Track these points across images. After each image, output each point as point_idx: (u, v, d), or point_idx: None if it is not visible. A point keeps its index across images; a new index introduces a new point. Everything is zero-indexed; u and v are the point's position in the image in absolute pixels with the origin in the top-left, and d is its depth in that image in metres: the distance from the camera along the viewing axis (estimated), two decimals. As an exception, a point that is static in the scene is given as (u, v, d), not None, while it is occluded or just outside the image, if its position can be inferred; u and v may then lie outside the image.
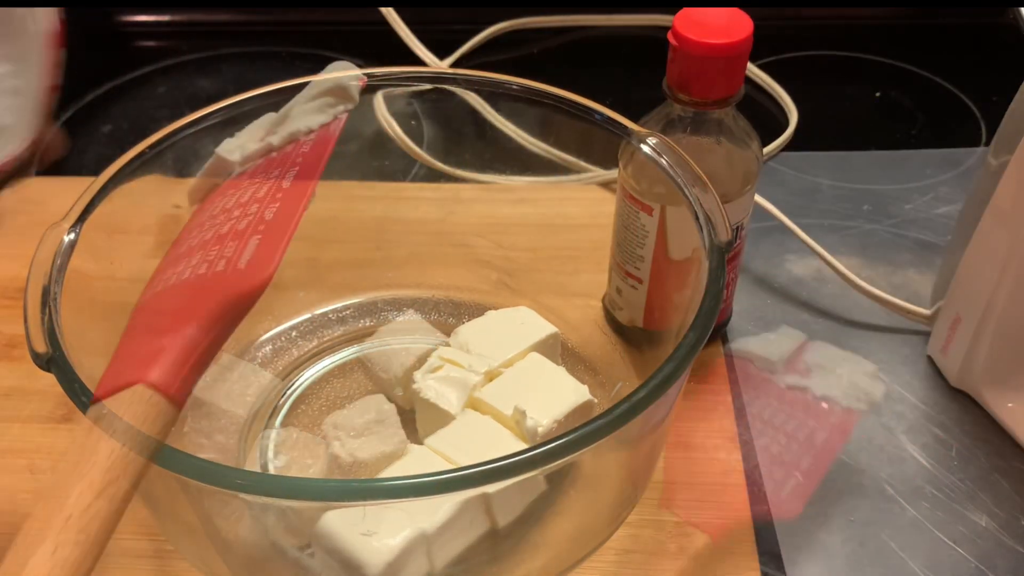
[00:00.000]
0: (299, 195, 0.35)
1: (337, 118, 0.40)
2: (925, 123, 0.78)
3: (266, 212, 0.34)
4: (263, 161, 0.39)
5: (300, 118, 0.40)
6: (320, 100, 0.40)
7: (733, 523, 0.49)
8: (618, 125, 0.50)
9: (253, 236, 0.33)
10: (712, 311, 0.40)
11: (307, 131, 0.39)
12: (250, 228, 0.33)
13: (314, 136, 0.39)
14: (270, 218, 0.34)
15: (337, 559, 0.42)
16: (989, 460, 0.52)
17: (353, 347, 0.57)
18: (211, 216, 0.37)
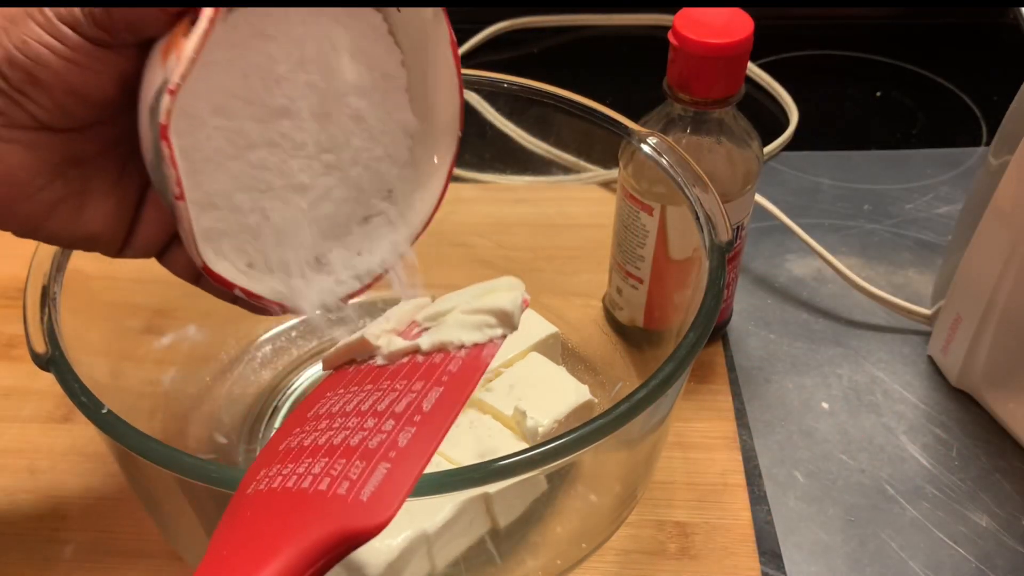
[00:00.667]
0: (437, 425, 0.32)
1: (493, 342, 0.36)
2: (925, 123, 0.78)
3: (401, 436, 0.31)
4: (407, 362, 0.36)
5: (455, 329, 0.36)
6: (479, 317, 0.37)
7: (733, 523, 0.49)
8: (618, 125, 0.50)
9: (383, 463, 0.30)
10: (712, 311, 0.40)
11: (459, 346, 0.36)
12: (382, 450, 0.30)
13: (465, 355, 0.35)
14: (403, 445, 0.31)
15: (337, 559, 0.42)
16: (989, 460, 0.52)
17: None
18: (344, 408, 0.34)
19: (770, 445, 0.53)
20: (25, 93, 0.34)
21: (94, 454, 0.52)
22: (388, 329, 0.36)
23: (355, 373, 0.35)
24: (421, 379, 0.33)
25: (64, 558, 0.48)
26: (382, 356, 0.35)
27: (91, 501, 0.50)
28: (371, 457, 0.30)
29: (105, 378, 0.43)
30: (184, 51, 0.33)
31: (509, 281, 0.37)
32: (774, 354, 0.58)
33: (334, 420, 0.32)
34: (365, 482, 0.29)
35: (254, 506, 0.30)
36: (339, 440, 0.31)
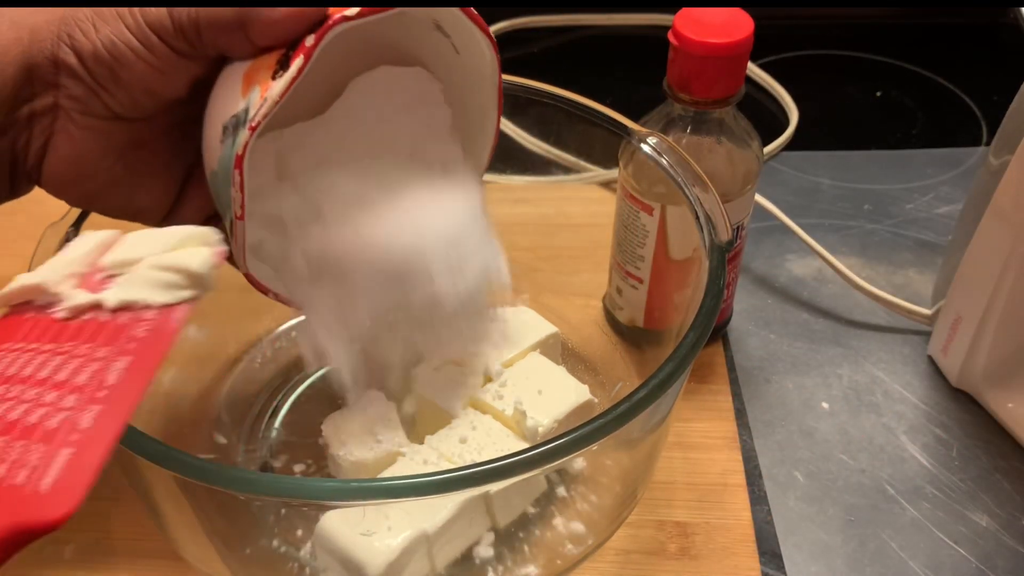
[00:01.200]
0: (122, 401, 0.29)
1: (183, 304, 0.32)
2: (925, 123, 0.78)
3: (84, 415, 0.28)
4: (90, 320, 0.32)
5: (142, 286, 0.33)
6: (168, 275, 0.33)
7: (733, 523, 0.49)
8: (618, 125, 0.50)
9: (64, 447, 0.27)
10: (712, 311, 0.40)
11: (146, 306, 0.32)
12: (63, 431, 0.27)
13: (153, 318, 0.32)
14: (86, 425, 0.28)
15: (337, 559, 0.42)
16: (990, 460, 0.52)
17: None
18: (21, 371, 0.30)
19: (770, 445, 0.53)
20: (105, 87, 0.36)
21: (94, 454, 0.52)
22: (70, 272, 0.33)
23: (33, 325, 0.32)
24: (105, 344, 0.30)
25: (64, 558, 0.48)
26: (63, 308, 0.32)
27: (91, 501, 0.50)
28: (51, 439, 0.27)
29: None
30: (270, 92, 0.35)
31: (203, 233, 0.35)
32: (774, 354, 0.58)
33: (10, 387, 0.29)
34: (45, 470, 0.26)
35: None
36: (16, 415, 0.28)
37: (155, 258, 0.33)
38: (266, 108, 0.35)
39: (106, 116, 0.37)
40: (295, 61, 0.35)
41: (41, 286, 0.33)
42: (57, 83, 0.37)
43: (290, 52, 0.36)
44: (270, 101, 0.35)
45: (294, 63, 0.35)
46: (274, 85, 0.35)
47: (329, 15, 0.36)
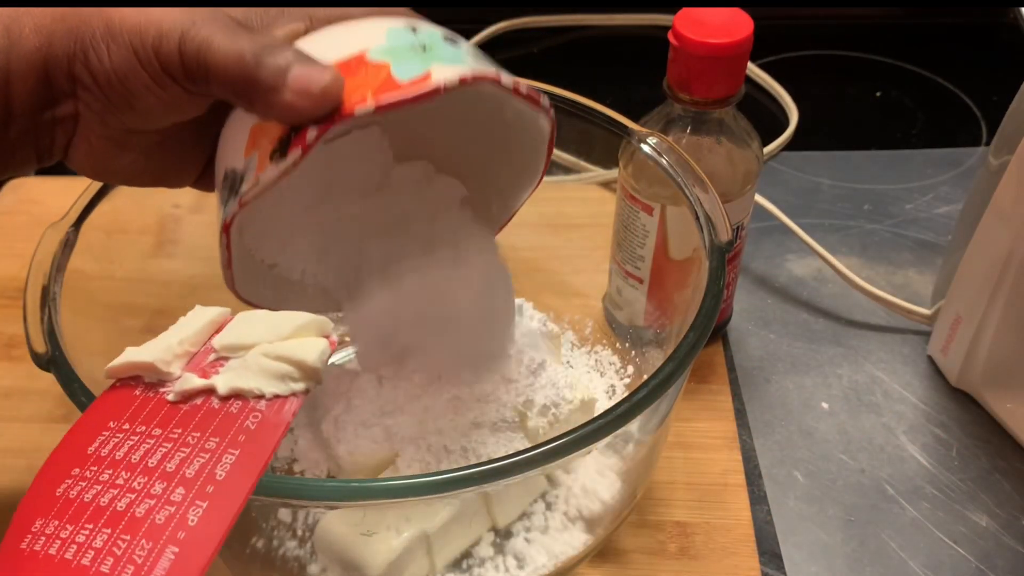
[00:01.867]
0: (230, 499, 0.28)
1: (296, 396, 0.32)
2: (925, 123, 0.78)
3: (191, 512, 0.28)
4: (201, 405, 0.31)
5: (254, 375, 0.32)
6: (281, 366, 0.32)
7: (733, 523, 0.49)
8: (618, 125, 0.50)
9: (171, 545, 0.27)
10: (712, 311, 0.40)
11: (258, 396, 0.31)
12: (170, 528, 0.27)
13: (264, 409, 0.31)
14: (193, 524, 0.27)
15: (337, 559, 0.42)
16: (989, 460, 0.52)
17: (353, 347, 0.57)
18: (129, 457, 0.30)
19: (770, 445, 0.53)
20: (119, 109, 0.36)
21: (94, 454, 0.52)
22: (181, 352, 0.33)
23: (142, 404, 0.32)
24: (215, 434, 0.30)
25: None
26: (174, 392, 0.32)
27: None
28: (158, 536, 0.27)
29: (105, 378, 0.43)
30: (263, 175, 0.34)
31: (319, 323, 0.34)
32: (774, 354, 0.58)
33: (117, 472, 0.29)
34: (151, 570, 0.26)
35: (29, 572, 0.27)
36: (123, 505, 0.28)
37: (269, 346, 0.32)
38: (257, 190, 0.34)
39: (122, 129, 0.37)
40: (292, 152, 0.33)
41: (152, 365, 0.32)
42: (75, 94, 0.36)
43: (292, 135, 0.34)
44: (261, 184, 0.34)
45: (291, 153, 0.33)
46: (268, 170, 0.34)
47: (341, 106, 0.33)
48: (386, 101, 0.33)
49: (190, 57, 0.34)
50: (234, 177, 0.35)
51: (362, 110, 0.33)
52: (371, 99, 0.33)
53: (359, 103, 0.33)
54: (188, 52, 0.34)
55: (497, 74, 0.37)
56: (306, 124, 0.33)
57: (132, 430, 0.31)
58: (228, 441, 0.30)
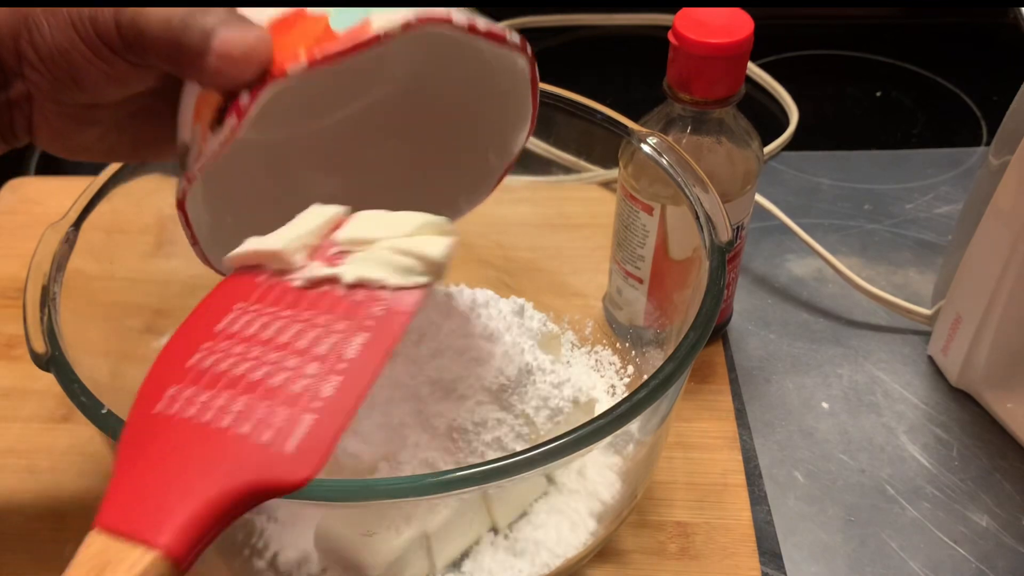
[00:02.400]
0: (361, 377, 0.29)
1: (418, 287, 0.32)
2: (926, 123, 0.78)
3: (325, 385, 0.28)
4: (327, 292, 0.32)
5: (378, 266, 0.32)
6: (406, 259, 0.33)
7: (733, 523, 0.49)
8: (618, 124, 0.50)
9: (307, 413, 0.28)
10: (712, 311, 0.40)
11: (380, 285, 0.32)
12: (306, 397, 0.28)
13: (389, 298, 0.32)
14: (327, 395, 0.28)
15: (338, 560, 0.42)
16: (990, 460, 0.52)
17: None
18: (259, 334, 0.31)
19: (770, 445, 0.53)
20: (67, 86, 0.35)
21: (94, 454, 0.52)
22: (304, 244, 0.33)
23: (268, 288, 0.32)
24: (344, 318, 0.31)
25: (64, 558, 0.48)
26: (300, 278, 0.32)
27: (91, 501, 0.50)
28: (294, 404, 0.28)
29: (105, 378, 0.43)
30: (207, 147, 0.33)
31: (439, 223, 0.34)
32: (774, 354, 0.58)
33: (250, 347, 0.30)
34: (289, 433, 0.27)
35: (165, 434, 0.28)
36: (258, 376, 0.29)
37: (394, 241, 0.33)
38: (201, 163, 0.33)
39: (78, 106, 0.36)
40: (228, 120, 0.32)
41: (278, 253, 0.33)
42: (23, 74, 0.35)
43: (227, 104, 0.33)
44: (205, 157, 0.33)
45: (227, 122, 0.32)
46: (209, 141, 0.33)
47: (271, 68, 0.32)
48: (320, 55, 0.32)
49: (126, 27, 0.33)
50: (184, 151, 0.34)
51: (295, 68, 0.32)
52: (304, 55, 0.32)
53: (291, 61, 0.32)
54: (124, 21, 0.33)
55: (447, 14, 0.34)
56: (239, 89, 0.32)
57: (260, 311, 0.31)
58: (356, 325, 0.30)
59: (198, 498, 0.26)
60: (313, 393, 0.28)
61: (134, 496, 0.27)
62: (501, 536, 0.46)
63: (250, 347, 0.30)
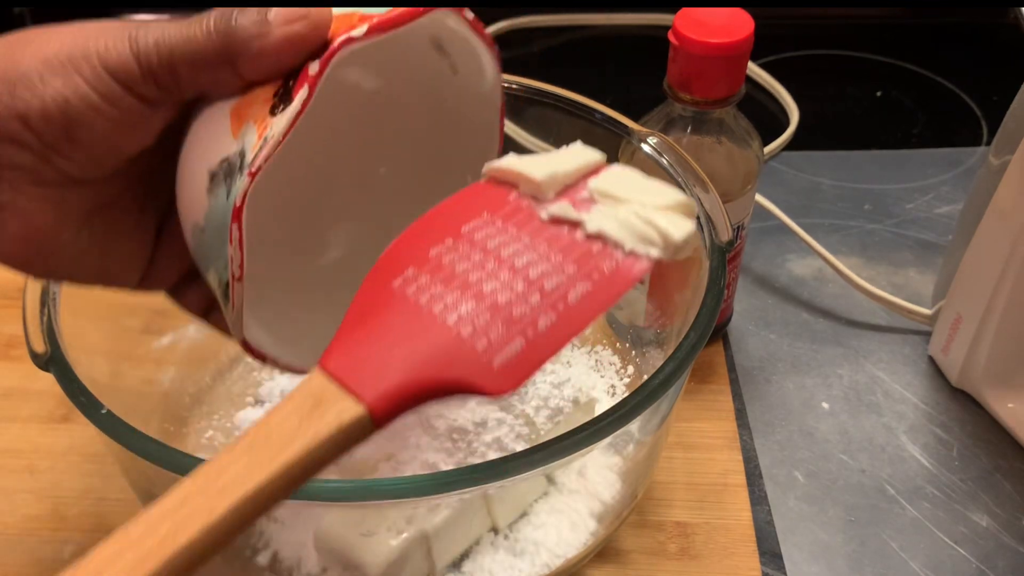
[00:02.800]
0: (575, 321, 0.31)
1: (649, 258, 0.33)
2: (926, 123, 0.78)
3: (541, 318, 0.30)
4: (567, 233, 0.33)
5: (621, 226, 0.33)
6: (648, 229, 0.33)
7: (733, 523, 0.49)
8: (618, 124, 0.50)
9: (519, 337, 0.30)
10: (713, 311, 0.40)
11: (616, 244, 0.32)
12: (522, 323, 0.30)
13: (620, 259, 0.32)
14: (541, 328, 0.30)
15: (337, 559, 0.42)
16: (990, 460, 0.52)
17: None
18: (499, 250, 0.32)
19: (770, 445, 0.53)
20: (58, 150, 0.31)
21: (94, 454, 0.52)
22: (561, 183, 0.34)
23: (516, 208, 0.34)
24: (575, 263, 0.32)
25: (64, 558, 0.48)
26: (547, 212, 0.33)
27: (91, 501, 0.50)
28: (511, 326, 0.30)
29: (105, 378, 0.43)
30: (272, 131, 0.31)
31: (689, 204, 0.34)
32: (774, 354, 0.58)
33: (487, 259, 0.32)
34: (500, 349, 0.29)
35: (397, 308, 0.31)
36: (488, 289, 0.31)
37: (642, 208, 0.33)
38: (268, 149, 0.31)
39: (60, 182, 0.32)
40: (299, 92, 0.31)
41: (536, 183, 0.33)
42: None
43: (291, 82, 0.32)
44: (272, 141, 0.31)
45: (297, 95, 0.31)
46: (275, 122, 0.31)
47: (331, 39, 0.32)
48: (379, 20, 0.32)
49: (147, 54, 0.31)
50: (228, 164, 0.32)
51: (358, 33, 0.32)
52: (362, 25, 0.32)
53: (351, 29, 0.32)
54: (144, 50, 0.31)
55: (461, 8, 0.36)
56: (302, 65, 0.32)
57: (504, 228, 0.33)
58: (584, 273, 0.32)
59: (411, 374, 0.29)
60: (530, 321, 0.30)
61: (359, 353, 0.29)
62: (501, 536, 0.46)
63: (487, 258, 0.32)
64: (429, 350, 0.29)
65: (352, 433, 0.28)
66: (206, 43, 0.31)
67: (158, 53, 0.31)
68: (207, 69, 0.31)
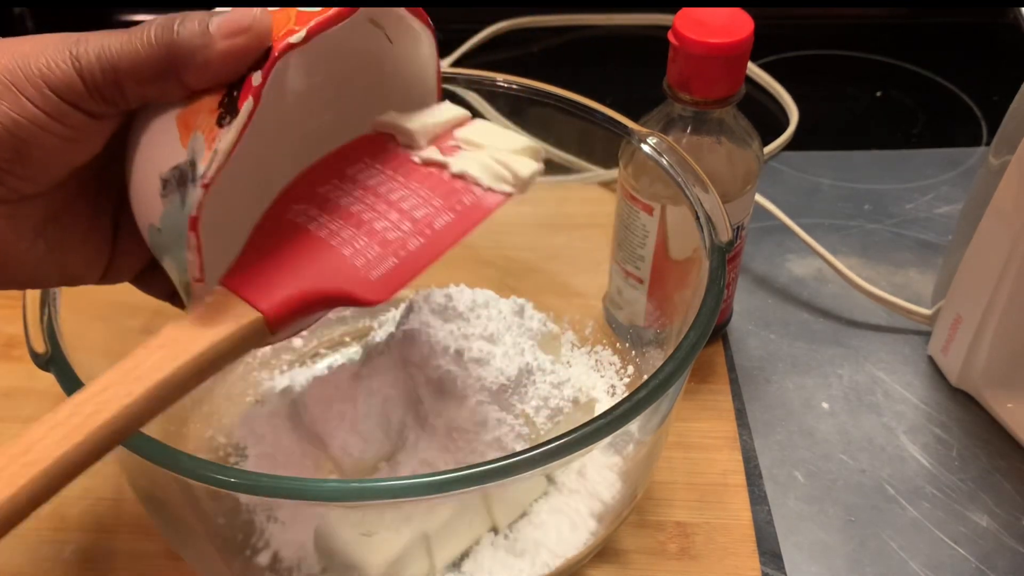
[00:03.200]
0: (439, 245, 0.37)
1: (502, 193, 0.39)
2: (925, 123, 0.78)
3: (411, 240, 0.36)
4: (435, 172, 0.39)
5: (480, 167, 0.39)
6: (502, 169, 0.39)
7: (733, 523, 0.49)
8: (618, 124, 0.50)
9: (392, 256, 0.36)
10: (712, 311, 0.40)
11: (475, 181, 0.39)
12: (394, 246, 0.36)
13: (478, 193, 0.38)
14: (411, 248, 0.36)
15: (337, 559, 0.42)
16: (990, 460, 0.52)
17: (353, 346, 0.57)
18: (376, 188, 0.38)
19: (770, 445, 0.53)
20: (8, 170, 0.32)
21: (94, 454, 0.52)
22: (432, 133, 0.40)
23: (394, 156, 0.40)
24: (440, 197, 0.38)
25: (64, 558, 0.48)
26: (419, 157, 0.39)
27: (91, 501, 0.50)
28: (386, 247, 0.36)
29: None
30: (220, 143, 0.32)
31: (534, 149, 0.40)
32: (774, 354, 0.58)
33: (366, 194, 0.38)
34: (375, 266, 0.35)
35: (289, 233, 0.36)
36: (366, 218, 0.37)
37: (497, 152, 0.39)
38: (218, 162, 0.32)
39: (12, 199, 0.33)
40: (244, 104, 0.32)
41: (412, 132, 0.39)
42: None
43: (235, 92, 0.32)
44: (222, 153, 0.32)
45: (243, 107, 0.32)
46: (223, 135, 0.32)
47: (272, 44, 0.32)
48: (316, 23, 0.33)
49: (90, 70, 0.31)
50: (180, 172, 0.33)
51: (297, 39, 0.32)
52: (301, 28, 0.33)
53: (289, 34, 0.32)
54: (87, 66, 0.31)
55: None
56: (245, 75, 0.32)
57: (382, 170, 0.39)
58: (447, 206, 0.38)
59: (299, 286, 0.34)
60: (401, 244, 0.36)
61: (254, 269, 0.35)
62: (501, 536, 0.46)
63: (367, 194, 0.38)
64: (315, 266, 0.35)
65: (249, 336, 0.33)
66: (148, 56, 0.31)
67: (101, 69, 0.31)
68: (152, 82, 0.32)
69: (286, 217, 0.37)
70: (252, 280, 0.34)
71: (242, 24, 0.32)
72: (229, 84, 0.33)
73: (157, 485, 0.41)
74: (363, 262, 0.35)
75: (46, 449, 0.29)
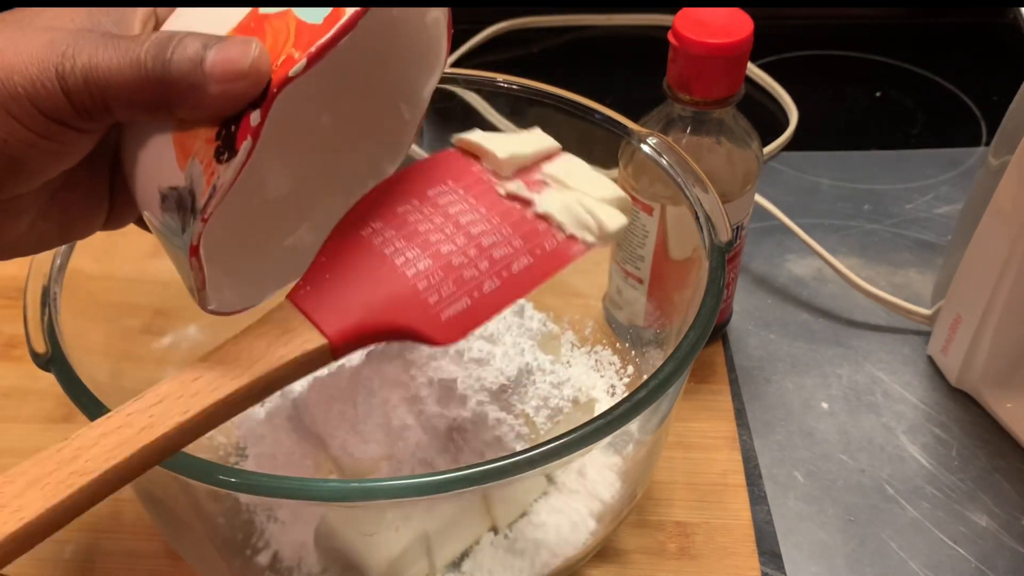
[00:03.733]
0: (514, 290, 0.35)
1: (585, 244, 0.36)
2: (925, 123, 0.78)
3: (487, 283, 0.35)
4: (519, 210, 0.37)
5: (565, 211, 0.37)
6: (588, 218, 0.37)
7: (733, 523, 0.49)
8: (618, 125, 0.50)
9: (466, 297, 0.34)
10: (712, 311, 0.40)
11: (559, 226, 0.36)
12: (470, 285, 0.34)
13: (560, 240, 0.36)
14: (486, 291, 0.35)
15: (338, 559, 0.42)
16: (989, 460, 0.52)
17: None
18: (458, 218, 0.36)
19: (770, 445, 0.53)
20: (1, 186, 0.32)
21: (94, 454, 0.52)
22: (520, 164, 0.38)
23: (477, 182, 0.38)
24: (522, 238, 0.36)
25: (64, 558, 0.48)
26: (504, 189, 0.37)
27: (91, 501, 0.50)
28: (461, 286, 0.34)
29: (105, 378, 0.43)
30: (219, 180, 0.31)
31: (626, 201, 0.38)
32: (774, 354, 0.58)
33: (447, 222, 0.36)
34: (448, 305, 0.34)
35: (364, 254, 0.35)
36: (445, 250, 0.35)
37: (586, 198, 0.37)
38: (218, 198, 0.31)
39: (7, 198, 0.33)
40: (242, 144, 0.30)
41: (498, 160, 0.38)
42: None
43: (234, 129, 0.31)
44: (221, 190, 0.31)
45: (241, 146, 0.30)
46: (221, 172, 0.31)
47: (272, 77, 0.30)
48: (315, 49, 0.31)
49: (78, 92, 0.30)
50: (179, 195, 0.32)
51: (297, 71, 0.30)
52: (301, 55, 0.31)
53: (289, 64, 0.31)
54: (74, 88, 0.30)
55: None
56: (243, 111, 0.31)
57: (464, 197, 0.37)
58: (527, 248, 0.36)
59: (369, 316, 0.33)
60: (477, 284, 0.34)
61: (325, 291, 0.33)
62: (501, 536, 0.46)
63: (447, 222, 0.36)
64: (387, 297, 0.33)
65: (313, 360, 0.32)
66: (139, 85, 0.30)
67: (89, 92, 0.30)
68: (142, 111, 0.31)
69: (361, 235, 0.35)
70: (321, 301, 0.33)
71: (239, 68, 0.30)
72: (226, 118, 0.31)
73: (157, 485, 0.41)
74: (436, 299, 0.34)
75: (95, 460, 0.29)
